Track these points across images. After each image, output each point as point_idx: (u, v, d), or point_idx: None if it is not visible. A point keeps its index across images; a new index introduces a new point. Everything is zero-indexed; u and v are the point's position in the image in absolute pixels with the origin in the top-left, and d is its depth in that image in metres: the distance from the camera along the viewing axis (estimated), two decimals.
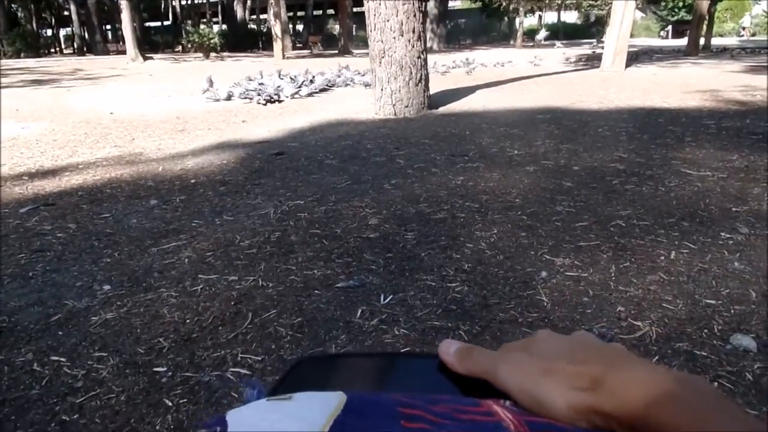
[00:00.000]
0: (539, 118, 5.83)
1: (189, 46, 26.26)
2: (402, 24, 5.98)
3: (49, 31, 38.15)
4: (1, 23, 27.14)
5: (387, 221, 2.82)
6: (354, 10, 28.06)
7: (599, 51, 14.57)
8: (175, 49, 35.29)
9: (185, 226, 2.89)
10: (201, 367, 1.58)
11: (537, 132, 5.04)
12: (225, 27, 36.31)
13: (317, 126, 5.91)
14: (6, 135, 5.71)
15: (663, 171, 3.56)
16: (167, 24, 39.98)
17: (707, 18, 18.05)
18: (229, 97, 8.57)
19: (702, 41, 17.90)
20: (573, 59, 15.75)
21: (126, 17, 19.36)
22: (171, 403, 1.43)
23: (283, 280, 2.17)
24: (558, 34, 37.53)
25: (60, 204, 3.39)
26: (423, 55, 6.30)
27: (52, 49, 34.67)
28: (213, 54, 23.38)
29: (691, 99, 6.88)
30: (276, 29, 20.36)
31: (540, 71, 12.01)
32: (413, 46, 6.12)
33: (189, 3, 40.63)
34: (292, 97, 8.52)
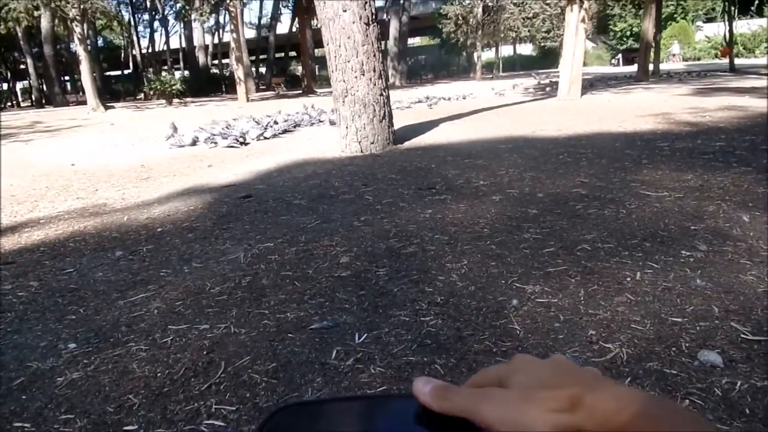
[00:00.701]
0: (502, 147, 5.98)
1: (151, 93, 26.19)
2: (362, 64, 6.12)
3: (5, 85, 37.57)
4: None
5: (358, 258, 2.83)
6: (315, 50, 28.59)
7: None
8: (137, 97, 35.13)
9: (153, 276, 2.83)
10: (174, 422, 1.53)
11: (501, 162, 5.17)
12: (187, 73, 36.42)
13: (284, 167, 5.93)
14: None
15: (623, 194, 3.68)
16: (128, 72, 39.89)
17: (654, 45, 19.01)
18: (194, 143, 8.53)
19: (651, 67, 18.80)
20: (531, 89, 16.30)
21: (85, 68, 19.23)
22: None
23: (256, 325, 2.14)
24: (515, 65, 38.91)
25: (20, 261, 3.29)
26: (385, 93, 6.44)
27: (8, 103, 34.09)
28: (176, 100, 23.32)
29: (645, 122, 7.18)
30: (239, 73, 20.53)
31: (500, 102, 12.37)
32: (375, 84, 6.25)
33: (149, 51, 40.73)
34: (257, 139, 8.54)
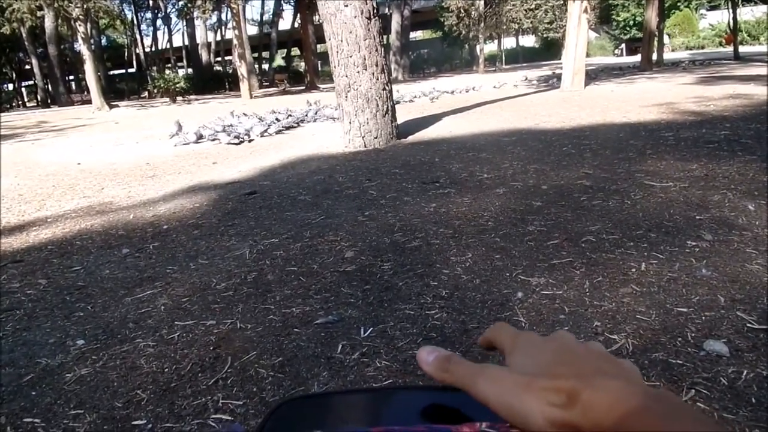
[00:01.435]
0: (505, 140, 5.97)
1: (155, 91, 26.26)
2: (365, 59, 6.11)
3: (11, 86, 37.77)
4: None
5: (363, 253, 2.83)
6: (318, 46, 28.56)
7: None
8: (141, 96, 35.23)
9: (159, 273, 2.85)
10: (181, 417, 1.55)
11: (504, 154, 5.16)
12: (190, 71, 36.48)
13: (288, 163, 5.93)
14: None
15: (627, 184, 3.67)
16: (132, 71, 39.99)
17: (657, 34, 18.87)
18: (199, 140, 8.56)
19: (655, 56, 18.67)
20: (534, 81, 16.22)
21: (89, 67, 19.29)
22: None
23: (262, 320, 2.15)
24: (518, 57, 38.72)
25: (28, 260, 3.31)
26: (388, 87, 6.43)
27: (14, 103, 34.28)
28: (180, 98, 23.38)
29: (649, 113, 7.14)
30: (242, 70, 20.53)
31: (503, 95, 12.32)
32: (377, 78, 6.24)
33: (153, 50, 40.79)
34: (261, 136, 8.55)
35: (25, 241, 3.76)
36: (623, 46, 34.29)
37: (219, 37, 40.65)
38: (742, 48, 20.81)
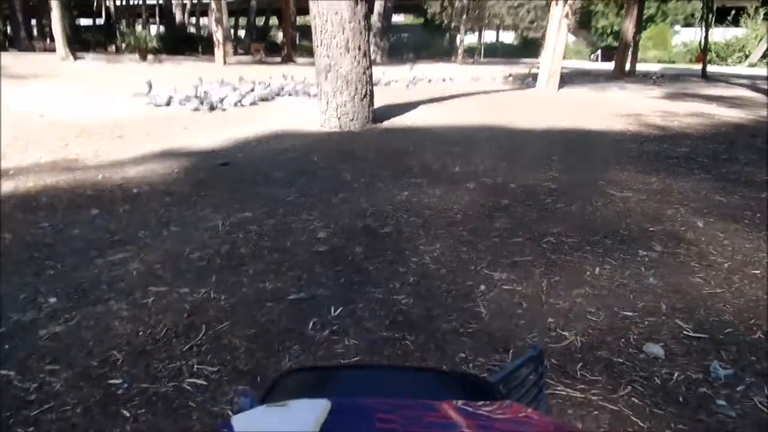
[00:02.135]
0: (479, 136, 6.12)
1: (123, 47, 25.30)
2: (348, 41, 6.12)
3: None
4: None
5: (335, 235, 2.92)
6: (297, 18, 28.05)
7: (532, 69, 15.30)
8: (108, 49, 33.84)
9: (131, 237, 2.87)
10: (157, 378, 1.62)
11: (477, 150, 5.30)
12: (162, 29, 35.23)
13: (262, 137, 5.92)
14: None
15: (590, 191, 3.86)
16: (99, 23, 38.28)
17: (632, 45, 19.38)
18: (169, 103, 8.39)
19: (628, 66, 19.19)
20: (511, 78, 16.45)
21: (56, 13, 18.42)
22: (129, 414, 1.46)
23: (235, 292, 2.22)
24: (496, 52, 38.98)
25: None
26: (368, 71, 6.46)
27: None
28: (150, 56, 22.61)
29: (617, 122, 7.41)
30: (218, 35, 20.02)
31: (480, 88, 12.49)
32: (359, 62, 6.27)
33: (124, 3, 39.14)
34: (235, 106, 8.45)
35: None
36: (599, 52, 35.02)
37: None
38: (710, 67, 21.59)
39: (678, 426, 1.48)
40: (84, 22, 40.22)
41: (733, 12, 30.84)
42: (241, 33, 39.24)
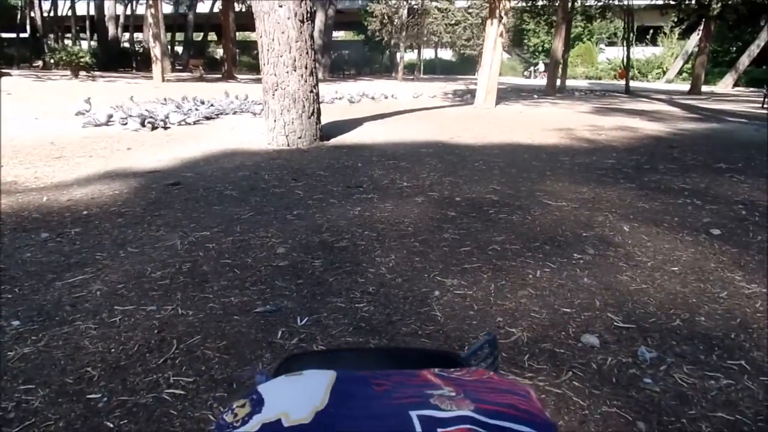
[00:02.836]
0: (423, 152, 6.38)
1: (52, 63, 24.26)
2: (295, 60, 6.26)
3: None
4: None
5: (294, 250, 3.04)
6: (237, 34, 27.83)
7: (468, 86, 15.89)
8: (34, 65, 32.30)
9: (88, 259, 2.87)
10: (136, 391, 1.68)
11: (422, 165, 5.54)
12: (94, 44, 34.01)
13: (211, 156, 5.93)
14: None
15: (529, 202, 4.16)
16: (24, 36, 36.48)
17: (562, 63, 20.52)
18: (109, 122, 8.20)
19: (558, 82, 20.30)
20: (450, 95, 17.03)
21: None
22: (112, 425, 1.53)
23: (202, 307, 2.29)
24: (435, 68, 40.08)
25: None
26: (315, 89, 6.61)
27: None
28: (83, 73, 21.82)
29: (550, 136, 7.90)
30: (155, 51, 19.60)
31: (421, 105, 12.88)
32: (306, 80, 6.41)
33: (51, 15, 37.48)
34: (179, 124, 8.36)
35: None
36: (532, 69, 36.76)
37: (129, 12, 38.26)
38: (632, 83, 23.14)
39: (613, 402, 1.70)
40: (7, 34, 38.16)
41: (652, 31, 33.22)
42: (179, 49, 38.45)
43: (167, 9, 35.63)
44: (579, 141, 7.58)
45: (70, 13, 37.66)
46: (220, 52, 33.89)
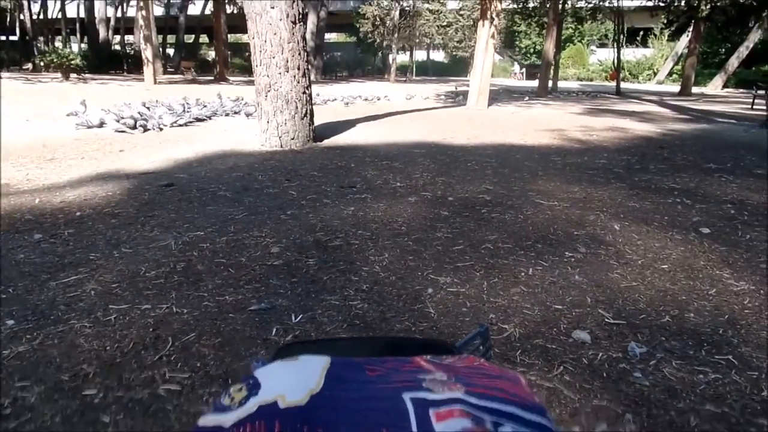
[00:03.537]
0: (416, 152, 6.41)
1: (42, 65, 24.12)
2: (287, 61, 6.27)
3: None
4: None
5: (288, 249, 3.05)
6: (229, 36, 27.79)
7: (458, 87, 15.97)
8: (24, 67, 32.10)
9: (82, 259, 2.87)
10: (131, 387, 1.69)
11: (415, 165, 5.57)
12: (85, 46, 33.83)
13: (204, 157, 5.93)
14: None
15: (521, 201, 4.20)
16: (13, 39, 36.24)
17: (553, 64, 20.67)
18: (101, 124, 8.17)
19: (550, 84, 20.43)
20: (443, 96, 17.09)
21: None
22: (109, 419, 1.54)
23: (197, 306, 2.31)
24: (428, 70, 40.20)
25: None
26: (308, 90, 6.63)
27: None
28: (74, 75, 21.70)
29: (542, 137, 7.95)
30: (147, 53, 19.53)
31: (413, 106, 12.93)
32: (298, 81, 6.43)
33: (41, 18, 37.26)
34: (171, 126, 8.35)
35: None
36: (524, 70, 36.96)
37: (120, 14, 38.10)
38: (623, 84, 23.33)
39: (604, 396, 1.73)
40: None
41: (642, 33, 33.50)
42: (170, 51, 38.34)
43: (158, 11, 35.50)
44: (571, 141, 7.64)
45: (60, 16, 37.45)
46: (211, 54, 33.86)
